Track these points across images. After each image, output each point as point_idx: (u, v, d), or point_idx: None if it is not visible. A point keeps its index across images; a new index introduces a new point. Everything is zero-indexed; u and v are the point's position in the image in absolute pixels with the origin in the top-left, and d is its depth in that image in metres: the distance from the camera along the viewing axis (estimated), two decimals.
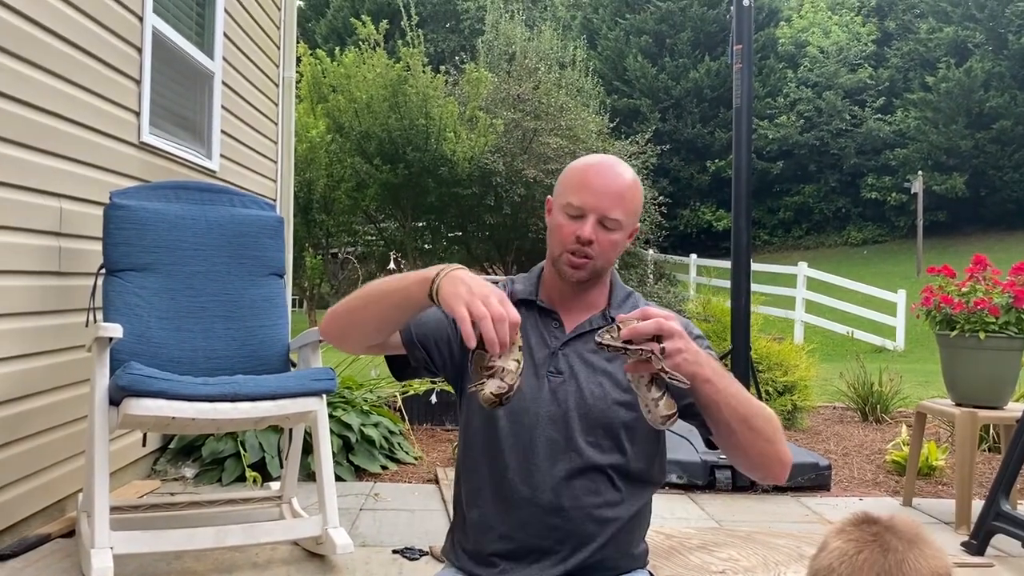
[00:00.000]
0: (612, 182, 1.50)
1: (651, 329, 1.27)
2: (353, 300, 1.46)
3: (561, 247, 1.51)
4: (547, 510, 1.46)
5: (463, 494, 1.57)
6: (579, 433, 1.48)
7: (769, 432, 1.38)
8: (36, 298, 2.94)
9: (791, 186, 25.50)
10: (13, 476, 2.82)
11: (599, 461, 1.48)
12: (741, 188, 4.56)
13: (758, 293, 8.50)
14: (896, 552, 0.99)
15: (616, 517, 1.49)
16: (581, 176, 1.52)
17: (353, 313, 1.47)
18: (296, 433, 3.14)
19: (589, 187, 1.49)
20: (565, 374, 1.51)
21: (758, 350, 5.52)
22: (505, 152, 14.06)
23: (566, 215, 1.50)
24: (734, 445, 1.40)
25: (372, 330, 1.47)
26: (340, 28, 25.42)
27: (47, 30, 2.91)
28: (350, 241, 16.18)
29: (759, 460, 1.41)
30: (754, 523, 3.54)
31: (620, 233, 1.51)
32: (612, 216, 1.49)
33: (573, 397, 1.50)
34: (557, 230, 1.52)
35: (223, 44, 4.53)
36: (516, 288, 1.60)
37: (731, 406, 1.34)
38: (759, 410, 1.38)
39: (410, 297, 1.37)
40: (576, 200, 1.49)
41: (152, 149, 3.72)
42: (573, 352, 1.53)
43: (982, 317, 3.54)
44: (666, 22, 25.01)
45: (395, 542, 3.15)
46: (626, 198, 1.51)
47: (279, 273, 3.23)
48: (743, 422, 1.35)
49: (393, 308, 1.41)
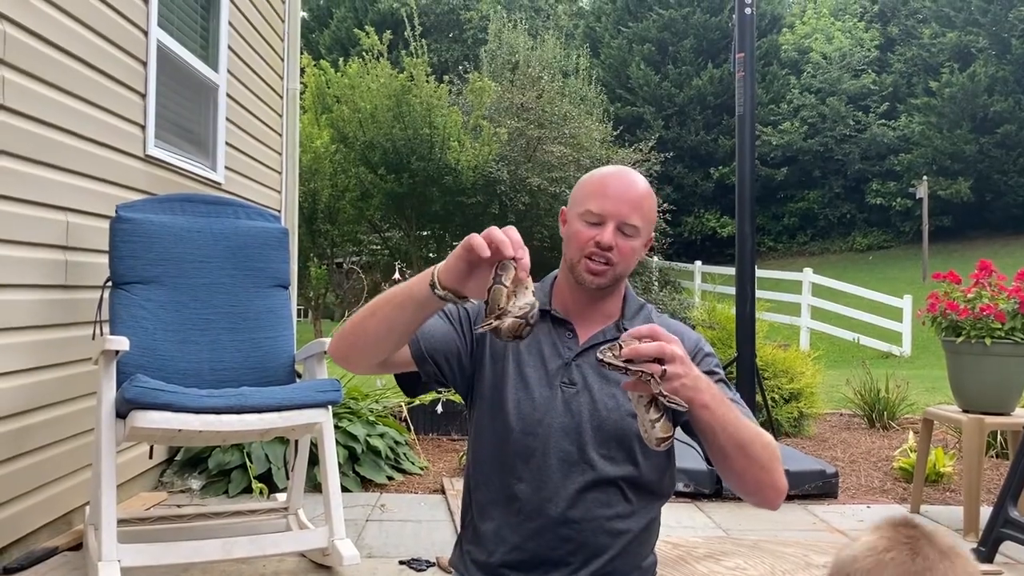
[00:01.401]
0: (630, 189, 1.53)
1: (652, 352, 1.27)
2: (359, 315, 1.46)
3: (580, 252, 1.52)
4: (559, 522, 1.47)
5: (473, 505, 1.57)
6: (592, 445, 1.48)
7: (765, 459, 1.38)
8: (43, 311, 2.95)
9: (795, 192, 25.49)
10: (21, 489, 2.83)
11: (611, 474, 1.48)
12: (745, 195, 4.56)
13: (763, 299, 8.48)
14: (926, 559, 0.96)
15: (627, 529, 1.49)
16: (599, 184, 1.54)
17: (359, 325, 1.43)
18: (302, 444, 3.15)
19: (608, 194, 1.51)
20: (578, 385, 1.51)
21: (764, 357, 5.51)
22: (509, 161, 14.08)
23: (585, 222, 1.52)
24: (728, 469, 1.40)
25: (380, 339, 1.42)
26: (344, 39, 25.51)
27: (53, 45, 2.93)
28: (355, 251, 16.21)
29: (753, 486, 1.41)
30: (761, 531, 3.53)
31: (638, 240, 1.53)
32: (631, 222, 1.50)
33: (587, 409, 1.50)
34: (575, 236, 1.53)
35: (227, 57, 4.55)
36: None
37: (727, 432, 1.34)
38: (756, 437, 1.38)
39: (413, 295, 1.36)
40: (595, 207, 1.50)
41: (157, 162, 3.74)
42: (587, 363, 1.53)
43: (988, 323, 3.53)
44: (669, 30, 25.05)
45: (402, 553, 3.15)
46: (644, 205, 1.53)
47: (284, 284, 3.24)
48: (739, 448, 1.35)
49: (398, 309, 1.38)
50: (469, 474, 1.60)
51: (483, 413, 1.55)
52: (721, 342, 5.75)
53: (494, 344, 1.55)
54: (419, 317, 1.40)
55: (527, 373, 1.53)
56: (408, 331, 1.43)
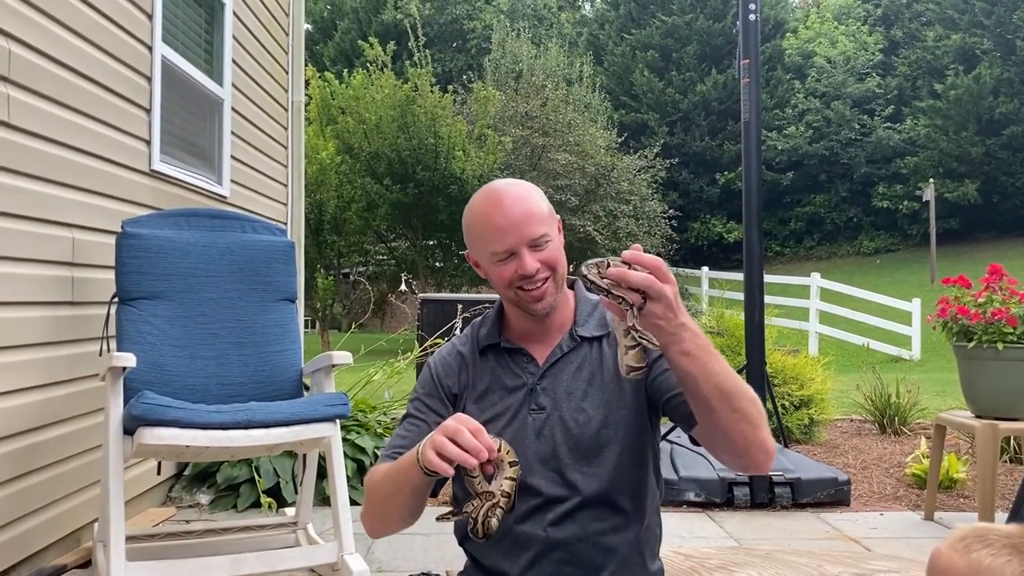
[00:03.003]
0: (515, 207, 1.46)
1: (639, 282, 1.19)
2: (376, 508, 1.50)
3: (512, 289, 1.47)
4: (553, 546, 1.45)
5: (467, 544, 1.57)
6: (571, 467, 1.46)
7: (753, 414, 1.30)
8: (50, 328, 2.95)
9: (801, 197, 25.47)
10: (29, 507, 2.82)
11: (596, 490, 1.45)
12: (752, 201, 4.55)
13: (771, 305, 8.44)
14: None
15: (624, 541, 1.47)
16: (485, 223, 1.47)
17: (385, 517, 1.51)
18: (310, 458, 3.13)
19: (501, 227, 1.45)
20: (547, 408, 1.48)
21: (773, 364, 5.48)
22: (514, 169, 14.10)
23: (498, 263, 1.47)
24: (714, 425, 1.30)
25: (409, 514, 1.48)
26: (348, 50, 25.62)
27: (56, 61, 2.94)
28: (361, 261, 16.25)
29: (742, 444, 1.30)
30: (773, 540, 3.50)
31: (554, 240, 1.48)
32: (538, 234, 1.45)
33: (559, 431, 1.47)
34: (499, 279, 1.48)
35: (232, 70, 4.56)
36: (482, 333, 1.59)
37: (712, 383, 1.26)
38: (744, 391, 1.30)
39: (413, 481, 1.37)
40: (499, 246, 1.45)
41: (163, 177, 3.74)
42: (551, 383, 1.50)
43: (1000, 328, 3.50)
44: (672, 36, 25.09)
45: (411, 567, 3.12)
46: (534, 210, 1.47)
47: (291, 298, 3.23)
48: (724, 400, 1.27)
49: (410, 496, 1.42)
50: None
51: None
52: (730, 349, 5.72)
53: (461, 397, 1.56)
54: (427, 490, 1.43)
55: (496, 411, 1.51)
56: (425, 498, 1.46)
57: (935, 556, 1.08)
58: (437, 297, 6.10)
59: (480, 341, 1.57)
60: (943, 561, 1.06)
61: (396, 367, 4.92)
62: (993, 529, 1.05)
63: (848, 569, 2.68)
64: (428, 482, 1.37)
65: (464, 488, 1.41)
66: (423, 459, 1.29)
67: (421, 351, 5.10)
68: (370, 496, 1.50)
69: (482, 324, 1.61)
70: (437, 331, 5.14)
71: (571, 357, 1.52)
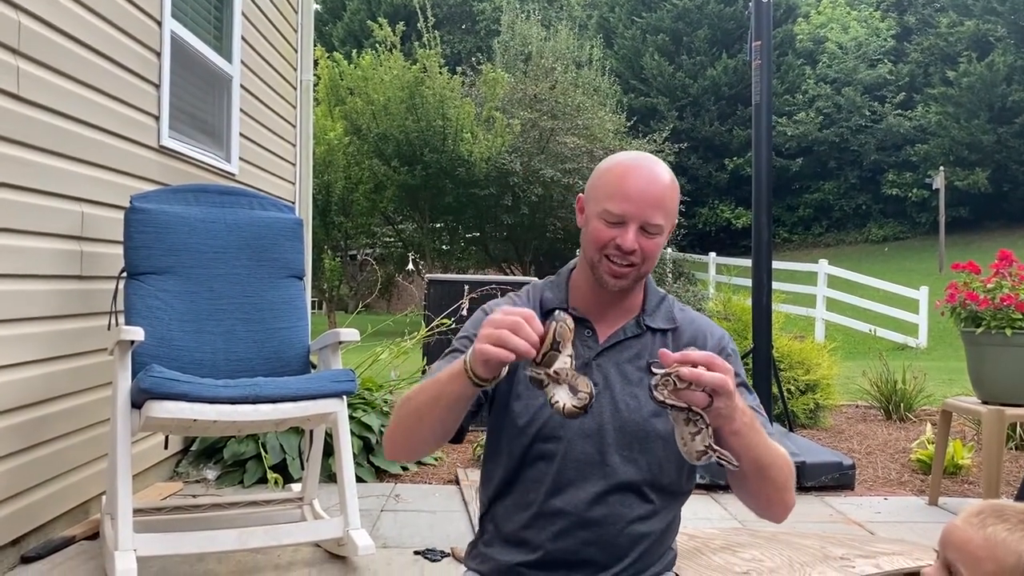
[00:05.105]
0: (652, 186, 1.43)
1: (714, 383, 1.22)
2: (405, 421, 1.41)
3: (600, 252, 1.44)
4: (579, 524, 1.44)
5: (490, 505, 1.54)
6: (613, 448, 1.44)
7: (781, 481, 1.37)
8: (58, 302, 2.96)
9: (811, 183, 25.34)
10: (38, 479, 2.84)
11: (632, 477, 1.44)
12: (762, 186, 4.53)
13: (778, 291, 8.41)
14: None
15: (650, 531, 1.46)
16: (619, 182, 1.43)
17: (413, 433, 1.42)
18: (317, 435, 3.15)
19: (628, 194, 1.42)
20: (599, 386, 1.45)
21: (779, 348, 5.47)
22: (522, 152, 14.04)
23: (604, 221, 1.43)
24: (743, 488, 1.40)
25: (441, 429, 1.40)
26: (357, 31, 25.53)
27: (68, 36, 2.93)
28: (368, 243, 16.25)
29: (764, 504, 1.41)
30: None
31: (662, 237, 1.46)
32: (654, 222, 1.43)
33: (608, 410, 1.45)
34: (594, 236, 1.45)
35: (241, 48, 4.55)
36: (547, 297, 1.56)
37: (750, 457, 1.31)
38: (776, 459, 1.35)
39: (455, 393, 1.32)
40: (615, 208, 1.42)
41: (172, 153, 3.74)
42: (608, 362, 1.49)
43: (1008, 314, 3.49)
44: (683, 20, 24.91)
45: (416, 543, 3.15)
46: (667, 201, 1.44)
47: (298, 275, 3.24)
48: (758, 472, 1.34)
49: (447, 410, 1.36)
50: (485, 474, 1.56)
51: (500, 416, 1.50)
52: (737, 333, 5.71)
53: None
54: (466, 406, 1.37)
55: None
56: (460, 419, 1.40)
57: (949, 530, 1.08)
58: (444, 278, 6.10)
59: (545, 304, 1.54)
60: (958, 535, 1.06)
61: (402, 347, 4.94)
62: (1009, 505, 1.06)
63: (852, 551, 2.69)
64: (470, 395, 1.32)
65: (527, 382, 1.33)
66: (474, 357, 1.25)
67: (428, 331, 5.10)
68: (401, 408, 1.42)
69: (546, 288, 1.58)
70: (443, 311, 5.14)
71: (632, 343, 1.50)
